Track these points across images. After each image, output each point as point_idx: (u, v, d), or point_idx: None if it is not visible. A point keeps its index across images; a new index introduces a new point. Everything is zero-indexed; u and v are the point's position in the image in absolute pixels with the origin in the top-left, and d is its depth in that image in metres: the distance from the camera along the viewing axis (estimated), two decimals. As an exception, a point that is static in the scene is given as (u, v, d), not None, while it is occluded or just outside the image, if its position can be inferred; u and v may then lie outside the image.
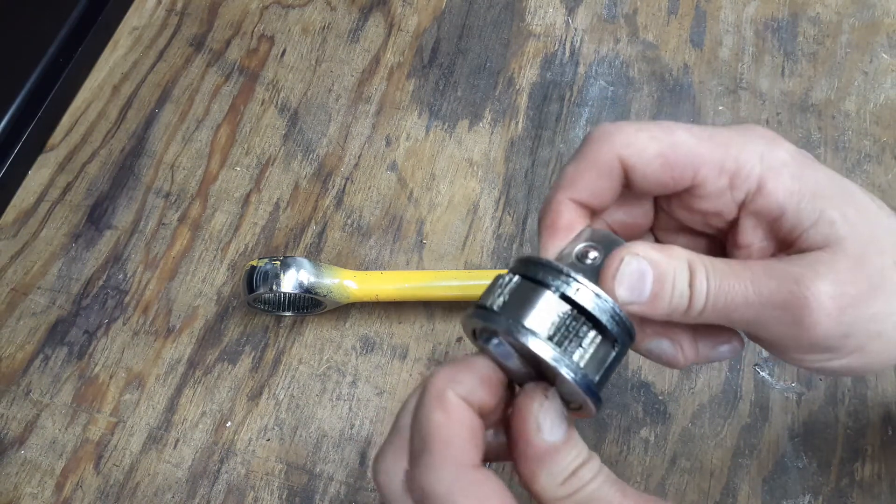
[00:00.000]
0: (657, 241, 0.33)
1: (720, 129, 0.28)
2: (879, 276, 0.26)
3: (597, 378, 0.26)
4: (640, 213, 0.31)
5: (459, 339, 0.52)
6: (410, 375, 0.51)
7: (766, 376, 0.50)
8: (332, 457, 0.48)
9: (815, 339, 0.26)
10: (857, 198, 0.27)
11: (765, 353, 0.51)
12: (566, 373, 0.25)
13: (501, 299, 0.27)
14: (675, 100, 0.61)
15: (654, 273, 0.26)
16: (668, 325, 0.29)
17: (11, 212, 0.57)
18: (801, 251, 0.27)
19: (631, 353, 0.29)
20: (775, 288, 0.25)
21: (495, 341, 0.26)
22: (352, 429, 0.49)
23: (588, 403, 0.26)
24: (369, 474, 0.48)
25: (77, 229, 0.56)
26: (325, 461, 0.48)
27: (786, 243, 0.28)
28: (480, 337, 0.27)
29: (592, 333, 0.26)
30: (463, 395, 0.25)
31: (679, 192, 0.29)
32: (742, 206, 0.28)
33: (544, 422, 0.25)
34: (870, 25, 0.64)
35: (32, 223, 0.56)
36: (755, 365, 0.51)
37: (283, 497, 0.47)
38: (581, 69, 0.62)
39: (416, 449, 0.25)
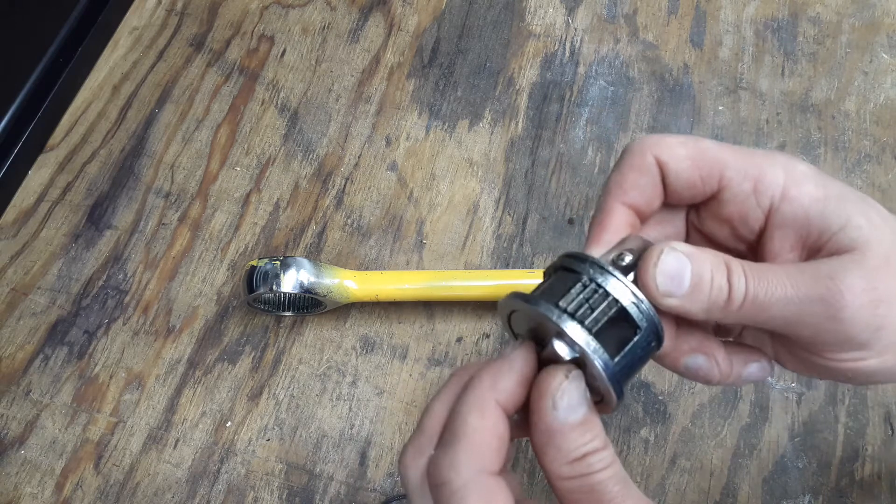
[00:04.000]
0: None
1: (743, 147, 0.31)
2: None
3: (619, 367, 0.27)
4: (673, 232, 0.33)
5: (459, 339, 0.52)
6: (410, 375, 0.51)
7: (766, 376, 0.50)
8: (332, 457, 0.48)
9: (851, 332, 0.27)
10: (877, 206, 0.30)
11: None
12: (591, 355, 0.26)
13: (539, 288, 0.28)
14: (675, 100, 0.61)
15: (692, 266, 0.28)
16: (705, 341, 0.31)
17: (11, 212, 0.57)
18: (830, 255, 0.29)
19: None
20: (811, 283, 0.27)
21: (531, 325, 0.28)
22: (352, 429, 0.49)
23: (609, 391, 0.27)
24: (369, 475, 0.48)
25: (77, 229, 0.56)
26: (325, 461, 0.48)
27: (813, 250, 0.30)
28: (515, 323, 0.29)
29: (620, 322, 0.27)
30: (502, 401, 0.27)
31: (707, 201, 0.31)
32: (769, 216, 0.30)
33: (560, 400, 0.26)
34: (870, 25, 0.64)
35: (32, 223, 0.56)
36: (755, 365, 0.51)
37: (283, 497, 0.47)
38: (581, 69, 0.62)
39: (446, 439, 0.27)
